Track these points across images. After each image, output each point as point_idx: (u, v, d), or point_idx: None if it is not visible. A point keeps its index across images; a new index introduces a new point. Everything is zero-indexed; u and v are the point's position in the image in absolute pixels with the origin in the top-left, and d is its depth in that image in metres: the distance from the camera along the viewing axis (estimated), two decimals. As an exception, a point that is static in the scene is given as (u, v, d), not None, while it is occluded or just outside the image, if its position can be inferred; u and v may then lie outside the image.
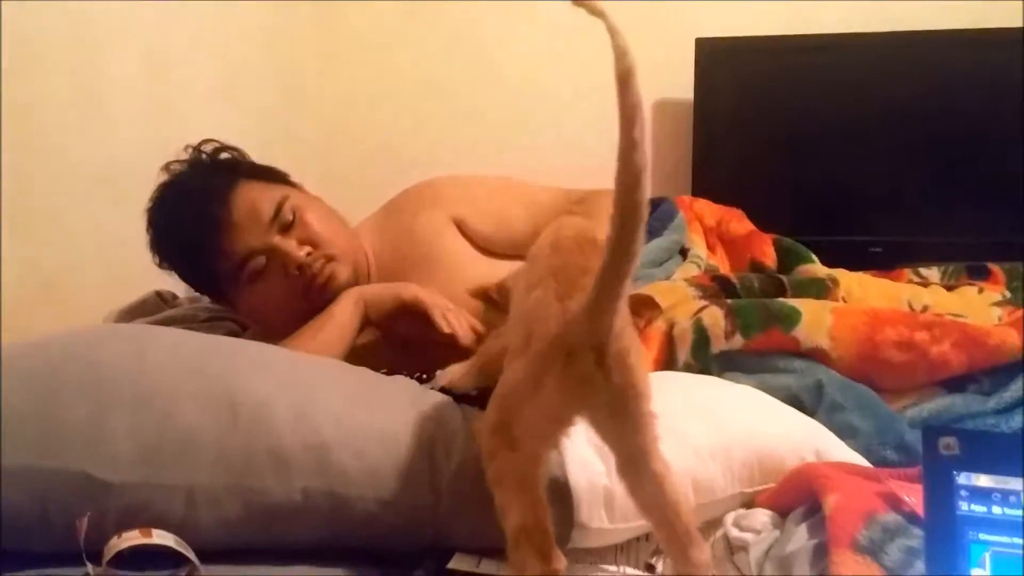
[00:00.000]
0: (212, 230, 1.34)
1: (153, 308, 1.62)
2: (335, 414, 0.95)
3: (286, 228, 1.36)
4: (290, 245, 1.35)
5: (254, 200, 1.36)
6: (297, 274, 1.35)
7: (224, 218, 1.34)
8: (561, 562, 0.75)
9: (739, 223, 1.66)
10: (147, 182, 1.43)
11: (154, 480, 0.87)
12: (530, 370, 0.76)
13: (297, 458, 0.90)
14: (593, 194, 1.54)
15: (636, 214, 0.66)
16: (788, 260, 1.56)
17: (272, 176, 1.44)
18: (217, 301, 1.53)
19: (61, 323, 1.15)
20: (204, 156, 1.45)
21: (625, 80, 0.64)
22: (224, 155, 1.46)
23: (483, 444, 0.79)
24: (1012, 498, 0.61)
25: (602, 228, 1.18)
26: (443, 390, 1.09)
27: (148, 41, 2.04)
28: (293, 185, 1.46)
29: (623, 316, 0.75)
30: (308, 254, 1.35)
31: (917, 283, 1.57)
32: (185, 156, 1.45)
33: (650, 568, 0.91)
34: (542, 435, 0.78)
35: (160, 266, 1.43)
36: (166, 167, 1.43)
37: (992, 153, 1.87)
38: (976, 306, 1.40)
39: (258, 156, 1.50)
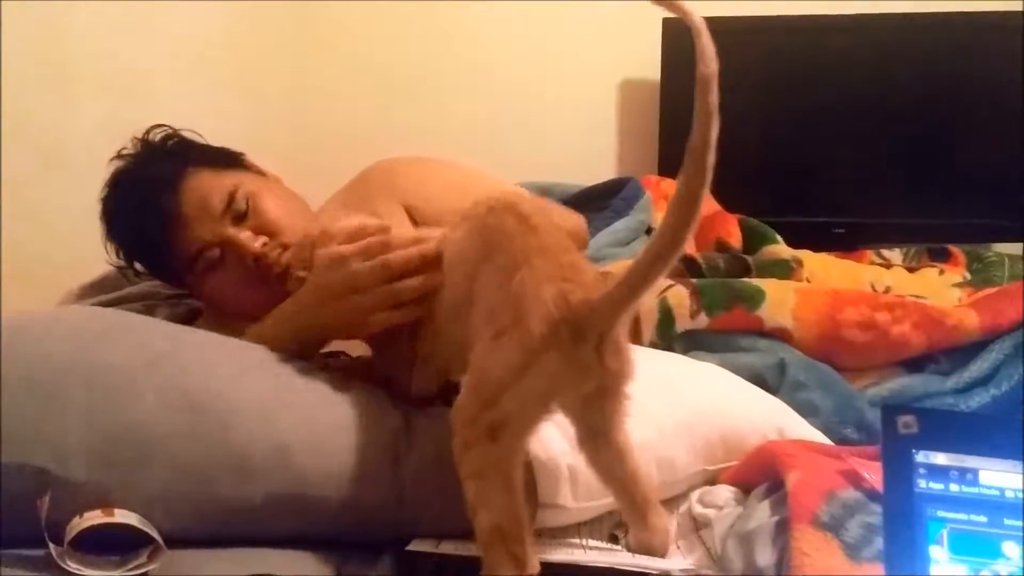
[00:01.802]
0: (162, 224, 1.29)
1: (114, 285, 1.59)
2: (296, 410, 0.93)
3: (240, 218, 1.30)
4: (244, 236, 1.29)
5: (204, 191, 1.30)
6: (253, 265, 1.32)
7: (174, 211, 1.28)
8: (535, 567, 0.75)
9: (705, 203, 1.66)
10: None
11: (111, 479, 0.85)
12: (524, 352, 0.74)
13: (258, 459, 0.89)
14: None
15: (694, 211, 0.67)
16: (753, 241, 1.58)
17: (224, 160, 1.38)
18: (176, 289, 1.50)
19: (29, 302, 1.13)
20: (153, 143, 1.38)
21: (706, 83, 0.64)
22: (173, 142, 1.39)
23: (457, 432, 0.77)
24: (969, 476, 0.63)
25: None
26: None
27: (116, 21, 1.99)
28: (248, 167, 1.40)
29: None
30: (264, 244, 1.31)
31: (879, 264, 1.59)
32: (136, 143, 1.38)
33: (613, 538, 0.92)
34: (527, 421, 0.77)
35: (116, 259, 1.40)
36: (118, 155, 1.37)
37: (955, 136, 1.89)
38: (937, 287, 1.43)
39: (225, 137, 1.45)
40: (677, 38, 1.88)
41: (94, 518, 0.82)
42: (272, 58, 2.09)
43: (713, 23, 0.64)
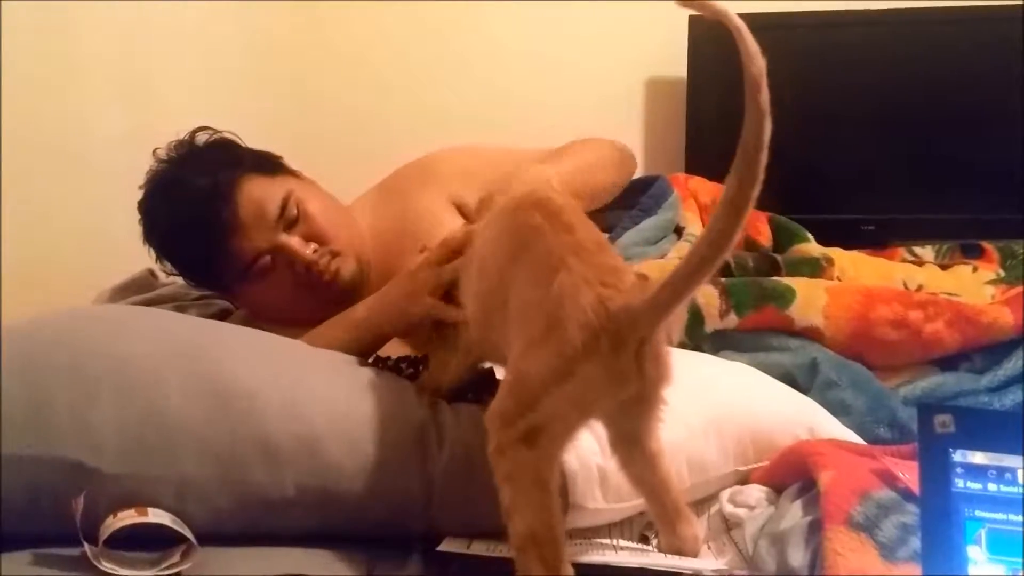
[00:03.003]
0: (219, 233, 1.29)
1: (144, 286, 1.61)
2: (325, 403, 0.94)
3: (291, 225, 1.33)
4: (297, 244, 1.32)
5: (260, 199, 1.31)
6: (304, 272, 1.33)
7: (231, 220, 1.29)
8: (569, 573, 0.74)
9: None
10: (124, 159, 1.38)
11: (142, 471, 0.87)
12: (562, 359, 0.73)
13: (287, 450, 0.90)
14: (571, 145, 1.53)
15: (742, 214, 0.65)
16: (783, 238, 1.56)
17: (272, 166, 1.40)
18: (216, 295, 1.51)
19: (41, 305, 1.14)
20: (200, 148, 1.39)
21: (756, 82, 0.63)
22: (220, 146, 1.40)
23: (493, 436, 0.77)
24: (1008, 475, 0.62)
25: (574, 173, 1.16)
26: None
27: (122, 21, 2.01)
28: (291, 171, 1.42)
29: None
30: (315, 251, 1.33)
31: (911, 262, 1.57)
32: (176, 144, 1.38)
33: (644, 539, 0.91)
34: (564, 427, 0.76)
35: (157, 260, 1.41)
36: (156, 155, 1.37)
37: (985, 131, 1.87)
38: (970, 285, 1.41)
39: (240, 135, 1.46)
40: (704, 36, 1.87)
41: (128, 518, 0.83)
42: (280, 58, 2.09)
43: (743, 20, 0.63)
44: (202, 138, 1.40)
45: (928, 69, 1.88)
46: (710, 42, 1.88)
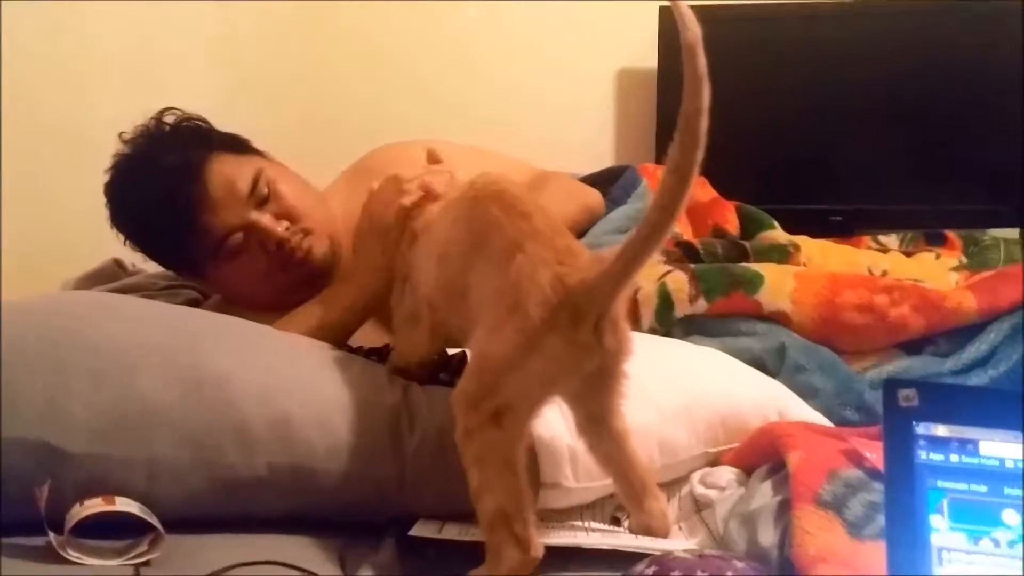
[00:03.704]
0: (189, 210, 1.28)
1: (110, 276, 1.59)
2: (299, 387, 0.94)
3: (262, 202, 1.31)
4: (268, 221, 1.30)
5: (230, 176, 1.30)
6: (275, 250, 1.32)
7: (202, 196, 1.28)
8: (539, 549, 0.75)
9: (702, 190, 1.66)
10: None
11: (114, 452, 0.86)
12: (524, 337, 0.74)
13: (261, 432, 0.90)
14: (551, 175, 1.53)
15: (689, 179, 0.66)
16: (750, 227, 1.57)
17: (240, 146, 1.39)
18: (187, 278, 1.49)
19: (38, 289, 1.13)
20: (167, 128, 1.37)
21: (691, 49, 0.63)
22: (188, 126, 1.38)
23: (460, 419, 0.77)
24: (969, 447, 0.63)
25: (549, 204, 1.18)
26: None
27: (127, 13, 1.99)
28: (260, 153, 1.41)
29: None
30: (286, 229, 1.32)
31: (876, 250, 1.59)
32: (143, 126, 1.36)
33: (615, 521, 0.92)
34: (530, 405, 0.77)
35: (125, 244, 1.39)
36: (125, 140, 1.35)
37: (952, 123, 1.89)
38: (934, 271, 1.43)
39: (241, 126, 1.44)
40: (674, 26, 1.87)
41: (94, 506, 0.82)
42: (282, 52, 2.09)
43: (711, 11, 0.64)
44: (169, 119, 1.38)
45: (899, 63, 1.91)
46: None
